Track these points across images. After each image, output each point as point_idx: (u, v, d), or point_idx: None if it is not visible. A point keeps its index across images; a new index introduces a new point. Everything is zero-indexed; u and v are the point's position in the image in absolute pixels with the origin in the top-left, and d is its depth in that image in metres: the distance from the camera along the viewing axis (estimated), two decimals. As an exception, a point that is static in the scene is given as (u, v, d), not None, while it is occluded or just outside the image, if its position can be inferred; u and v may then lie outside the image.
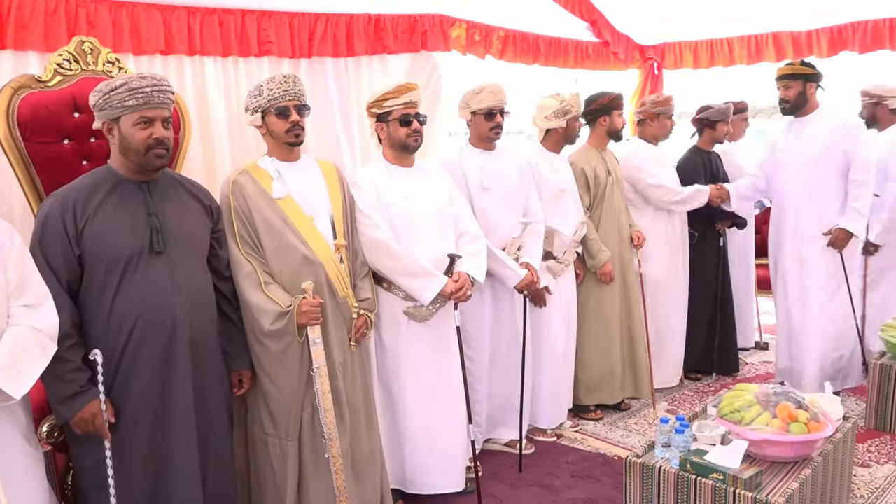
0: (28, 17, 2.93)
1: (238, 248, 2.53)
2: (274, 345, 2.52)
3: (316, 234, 2.62)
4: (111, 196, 2.19)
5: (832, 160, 3.92)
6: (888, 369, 3.78)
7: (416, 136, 2.99)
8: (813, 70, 3.96)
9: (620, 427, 4.01)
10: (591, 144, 4.16)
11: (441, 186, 3.14)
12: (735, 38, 5.86)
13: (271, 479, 2.60)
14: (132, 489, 2.20)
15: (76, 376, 2.11)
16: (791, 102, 4.01)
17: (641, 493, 2.65)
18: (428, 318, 2.97)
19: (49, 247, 2.12)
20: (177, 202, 2.32)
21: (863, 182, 3.88)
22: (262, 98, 2.58)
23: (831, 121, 3.96)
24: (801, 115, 4.03)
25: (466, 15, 4.70)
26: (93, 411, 2.11)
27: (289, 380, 2.55)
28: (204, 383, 2.31)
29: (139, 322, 2.16)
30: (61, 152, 2.54)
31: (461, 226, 3.17)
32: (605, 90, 4.19)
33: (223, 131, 3.59)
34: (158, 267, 2.21)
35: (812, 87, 3.98)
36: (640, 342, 4.17)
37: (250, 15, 3.65)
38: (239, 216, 2.54)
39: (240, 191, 2.56)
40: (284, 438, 2.57)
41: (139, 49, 3.26)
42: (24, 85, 2.51)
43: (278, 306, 2.49)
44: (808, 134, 4.00)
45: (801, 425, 2.57)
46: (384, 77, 4.35)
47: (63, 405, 2.10)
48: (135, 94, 2.13)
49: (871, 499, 3.15)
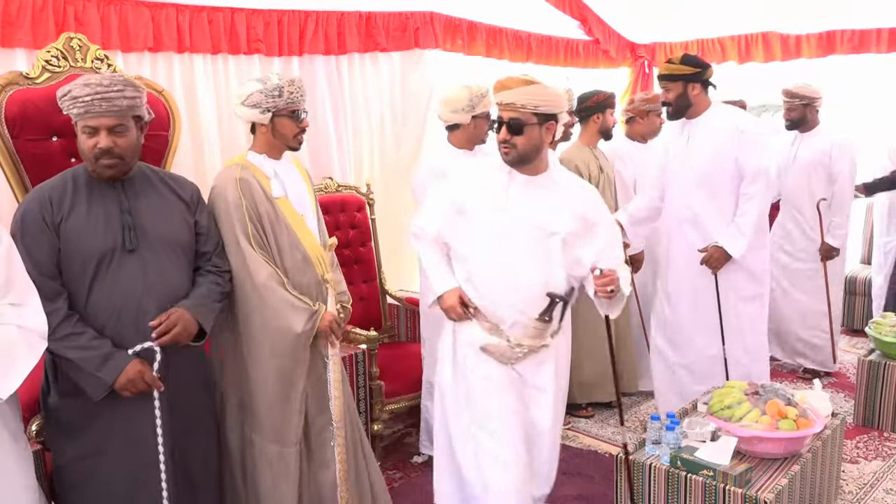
0: (16, 14, 2.92)
1: (252, 248, 2.44)
2: (301, 350, 2.45)
3: (308, 233, 2.61)
4: (85, 194, 2.16)
5: (724, 169, 3.31)
6: (876, 366, 3.81)
7: None
8: (692, 69, 3.35)
9: (611, 424, 4.02)
10: (583, 142, 4.16)
11: None
12: (726, 37, 5.89)
13: (270, 489, 2.52)
14: (109, 490, 2.17)
15: (99, 343, 2.08)
16: (672, 105, 3.43)
17: (632, 490, 2.66)
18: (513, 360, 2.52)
19: (31, 241, 2.09)
20: (152, 199, 2.27)
21: (751, 196, 3.27)
22: (280, 99, 2.49)
23: (722, 124, 3.34)
24: (690, 116, 3.43)
25: (457, 12, 4.70)
26: (138, 368, 2.09)
27: (300, 385, 2.49)
28: (179, 382, 2.26)
29: (112, 322, 2.14)
30: (49, 150, 2.53)
31: None
32: (598, 89, 4.19)
33: (212, 129, 3.58)
34: (131, 265, 2.17)
35: (695, 87, 3.36)
36: (629, 340, 4.18)
37: (239, 12, 3.64)
38: (250, 216, 2.46)
39: (248, 189, 2.48)
40: (287, 447, 2.50)
41: (127, 46, 3.25)
42: (12, 82, 2.50)
43: (309, 306, 2.45)
44: (698, 138, 3.39)
45: (791, 422, 2.58)
46: (376, 75, 4.35)
47: (102, 371, 2.06)
48: (76, 102, 2.08)
49: (860, 494, 3.17)
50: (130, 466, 2.20)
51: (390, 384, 3.51)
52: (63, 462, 2.20)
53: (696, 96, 3.37)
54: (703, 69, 3.36)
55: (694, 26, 5.91)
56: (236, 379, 2.53)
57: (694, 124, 3.42)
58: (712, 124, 3.36)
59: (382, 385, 3.44)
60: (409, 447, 3.74)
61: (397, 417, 3.96)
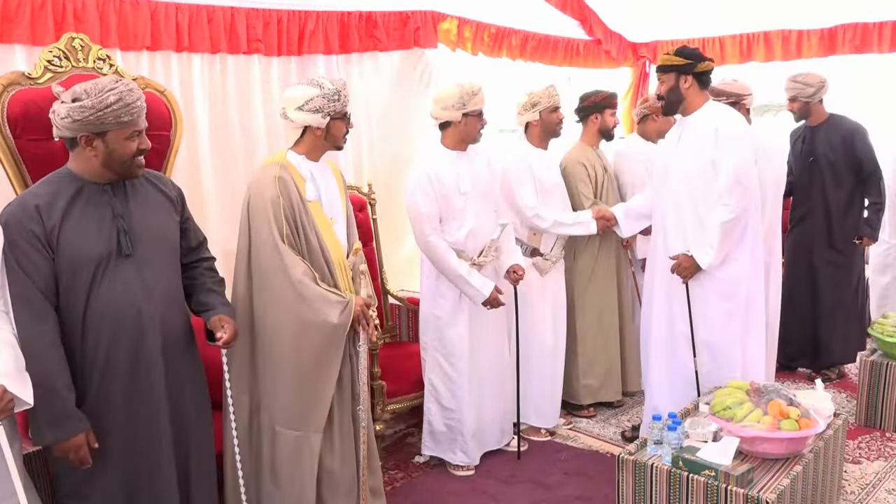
0: (15, 11, 2.91)
1: (286, 246, 2.50)
2: (338, 340, 2.54)
3: (334, 240, 2.66)
4: (76, 201, 2.12)
5: (705, 172, 3.17)
6: (879, 366, 3.80)
7: None
8: (684, 60, 3.19)
9: (613, 424, 4.02)
10: (584, 142, 4.16)
11: None
12: (727, 36, 5.88)
13: (296, 475, 2.59)
14: (108, 499, 2.17)
15: (67, 394, 2.03)
16: (664, 99, 3.31)
17: (634, 490, 2.66)
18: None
19: (24, 255, 2.02)
20: (142, 200, 2.26)
21: (726, 203, 3.11)
22: (339, 103, 2.59)
23: (705, 124, 3.19)
24: (685, 113, 3.29)
25: (458, 11, 4.69)
26: (81, 442, 2.04)
27: (334, 374, 2.58)
28: (179, 386, 2.27)
29: (111, 328, 2.11)
30: (51, 150, 2.50)
31: None
32: (599, 89, 4.18)
33: (205, 129, 3.57)
34: (127, 270, 2.15)
35: (687, 79, 3.20)
36: (633, 340, 4.18)
37: (239, 11, 3.63)
38: (286, 216, 2.51)
39: (286, 189, 2.53)
40: (313, 432, 2.58)
41: (126, 45, 3.24)
42: (14, 82, 2.49)
43: (343, 297, 2.54)
44: (686, 138, 3.26)
45: (792, 422, 2.58)
46: (376, 74, 4.34)
47: (51, 427, 2.01)
48: (129, 109, 2.08)
49: (861, 495, 3.17)
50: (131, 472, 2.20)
51: (392, 384, 3.51)
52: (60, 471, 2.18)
53: (687, 90, 3.21)
54: (694, 61, 3.19)
55: (695, 25, 5.90)
56: (250, 373, 2.59)
57: (686, 123, 3.29)
58: (699, 124, 3.22)
59: (384, 385, 3.44)
60: (411, 447, 3.74)
61: (398, 417, 3.97)
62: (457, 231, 3.33)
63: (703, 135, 3.17)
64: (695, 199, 3.21)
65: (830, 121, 4.37)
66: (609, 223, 3.81)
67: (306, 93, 2.56)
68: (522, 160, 3.76)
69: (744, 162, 3.14)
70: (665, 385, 3.38)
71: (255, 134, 3.78)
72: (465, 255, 3.33)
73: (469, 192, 3.35)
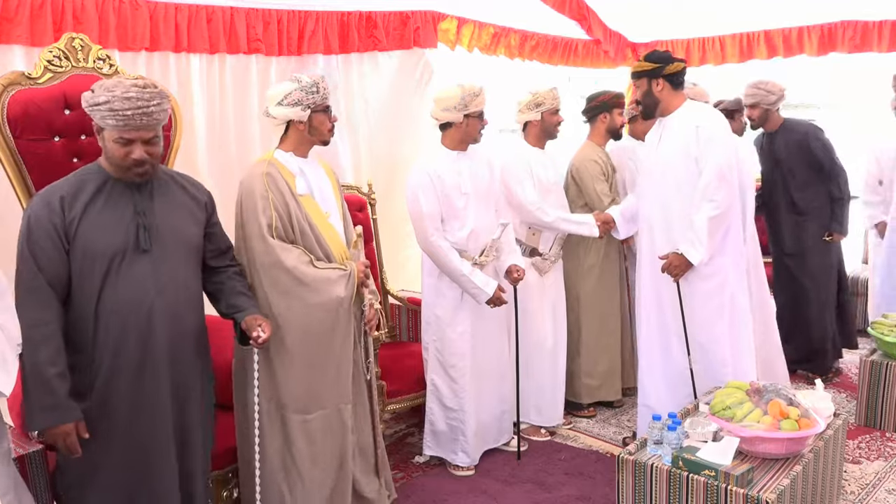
0: (14, 11, 2.90)
1: (275, 239, 2.51)
2: (347, 312, 2.58)
3: (332, 232, 2.67)
4: (98, 195, 2.16)
5: (688, 170, 3.19)
6: (878, 366, 3.81)
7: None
8: (653, 65, 3.24)
9: (613, 424, 4.02)
10: (594, 141, 4.16)
11: None
12: (727, 35, 5.88)
13: (334, 448, 2.62)
14: (109, 492, 2.17)
15: (60, 384, 2.05)
16: (641, 103, 3.38)
17: (634, 490, 2.66)
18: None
19: (38, 246, 2.08)
20: (167, 199, 2.28)
21: (710, 198, 3.12)
22: (318, 95, 2.60)
23: (685, 122, 3.22)
24: (663, 114, 3.33)
25: (458, 12, 4.69)
26: (71, 429, 2.06)
27: (349, 342, 2.63)
28: (186, 385, 2.28)
29: (122, 321, 2.13)
30: (52, 150, 2.52)
31: None
32: (606, 89, 4.19)
33: (202, 129, 3.56)
34: (142, 265, 2.17)
35: (659, 83, 3.24)
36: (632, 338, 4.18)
37: (239, 11, 3.62)
38: (278, 209, 2.54)
39: (274, 184, 2.56)
40: (343, 404, 2.62)
41: (125, 45, 3.23)
42: (14, 82, 2.49)
43: (341, 269, 2.58)
44: (666, 138, 3.29)
45: (792, 422, 2.58)
46: (376, 74, 4.34)
47: (42, 414, 2.04)
48: (114, 115, 2.07)
49: (861, 495, 3.17)
50: (133, 467, 2.20)
51: (392, 384, 3.51)
52: (60, 462, 2.20)
53: (661, 92, 3.26)
54: (663, 64, 3.23)
55: (694, 25, 5.90)
56: (265, 369, 2.57)
57: (665, 123, 3.32)
58: (678, 123, 3.25)
59: (384, 385, 3.44)
60: (411, 447, 3.74)
61: (399, 417, 3.97)
62: (458, 231, 3.34)
63: (685, 134, 3.21)
64: (680, 198, 3.22)
65: (785, 125, 4.42)
66: (609, 226, 3.82)
67: (285, 88, 2.60)
68: (521, 158, 3.77)
69: (726, 158, 3.17)
70: (660, 384, 3.39)
71: (252, 134, 3.78)
72: (466, 255, 3.33)
73: (470, 192, 3.36)
